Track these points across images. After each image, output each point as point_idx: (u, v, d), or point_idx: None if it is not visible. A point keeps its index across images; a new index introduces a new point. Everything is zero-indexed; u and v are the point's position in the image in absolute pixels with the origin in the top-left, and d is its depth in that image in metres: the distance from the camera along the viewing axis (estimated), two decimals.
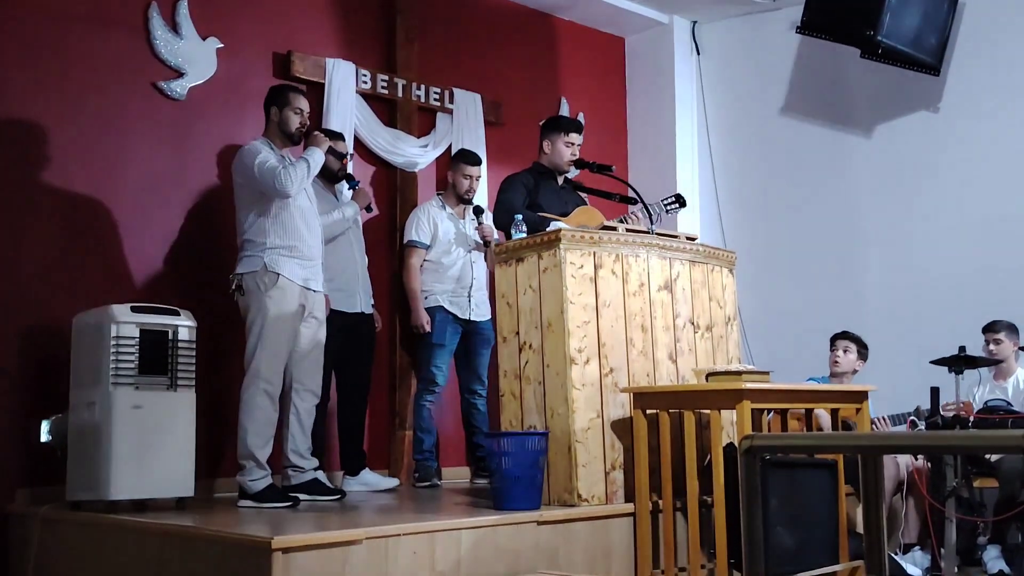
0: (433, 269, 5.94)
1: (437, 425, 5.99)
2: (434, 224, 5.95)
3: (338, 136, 5.70)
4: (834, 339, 5.88)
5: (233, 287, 4.82)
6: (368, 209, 5.78)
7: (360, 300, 5.61)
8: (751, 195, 7.54)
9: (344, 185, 5.69)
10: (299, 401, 4.89)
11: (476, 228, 5.95)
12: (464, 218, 6.05)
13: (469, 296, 5.93)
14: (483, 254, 6.01)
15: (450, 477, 6.15)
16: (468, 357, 6.02)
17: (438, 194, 6.19)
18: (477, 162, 6.06)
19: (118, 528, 4.14)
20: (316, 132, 4.99)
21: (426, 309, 5.88)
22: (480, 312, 5.95)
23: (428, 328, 5.83)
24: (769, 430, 4.87)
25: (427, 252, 5.93)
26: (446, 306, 5.89)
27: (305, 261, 4.85)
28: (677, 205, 5.70)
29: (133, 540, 4.04)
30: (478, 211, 5.98)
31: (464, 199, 6.02)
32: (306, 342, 4.89)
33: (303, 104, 4.96)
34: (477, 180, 6.05)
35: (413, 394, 6.11)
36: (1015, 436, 1.97)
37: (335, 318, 5.31)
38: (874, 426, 5.58)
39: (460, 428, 6.22)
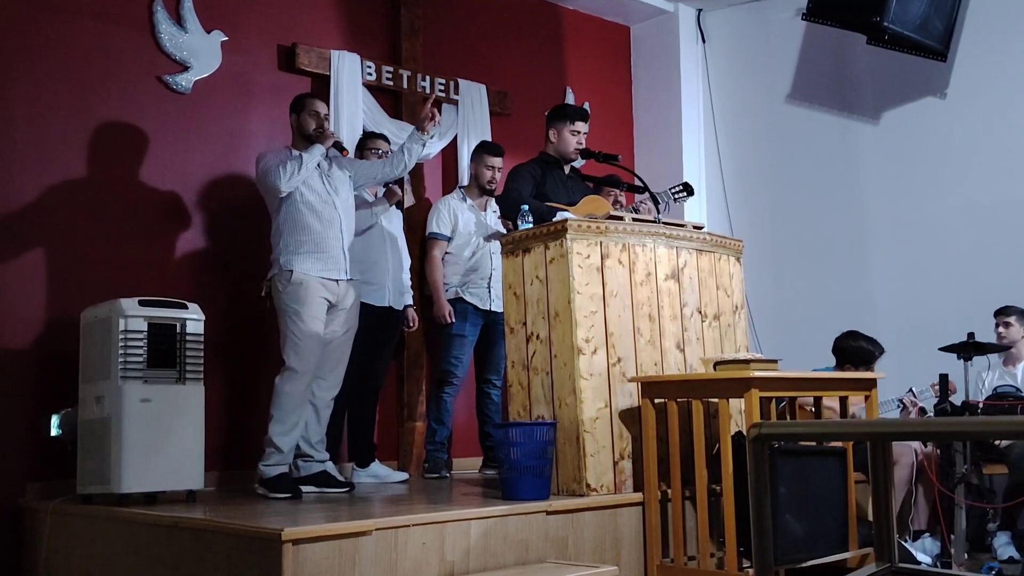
0: (453, 261, 5.96)
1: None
2: (454, 216, 5.97)
3: (380, 137, 5.75)
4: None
5: (263, 293, 4.88)
6: (399, 206, 5.79)
7: (389, 295, 5.61)
8: (758, 183, 7.53)
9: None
10: (319, 391, 4.91)
11: (499, 218, 5.96)
12: (486, 210, 6.06)
13: (489, 287, 5.94)
14: None
15: (460, 467, 6.16)
16: (486, 348, 6.04)
17: (460, 187, 6.21)
18: (500, 153, 6.08)
19: (129, 521, 4.15)
20: (324, 130, 5.00)
21: (447, 301, 5.90)
22: (500, 303, 5.95)
23: (450, 319, 5.84)
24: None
25: (448, 244, 5.94)
26: (466, 297, 5.91)
27: (321, 253, 4.87)
28: (685, 193, 5.69)
29: (144, 533, 4.06)
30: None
31: (486, 190, 6.03)
32: (329, 332, 4.91)
33: (319, 107, 5.04)
34: (499, 171, 6.06)
35: (428, 384, 6.13)
36: None
37: (362, 310, 5.35)
38: (904, 407, 5.56)
39: (471, 418, 6.23)
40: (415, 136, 5.15)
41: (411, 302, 5.85)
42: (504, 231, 5.94)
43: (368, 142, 5.73)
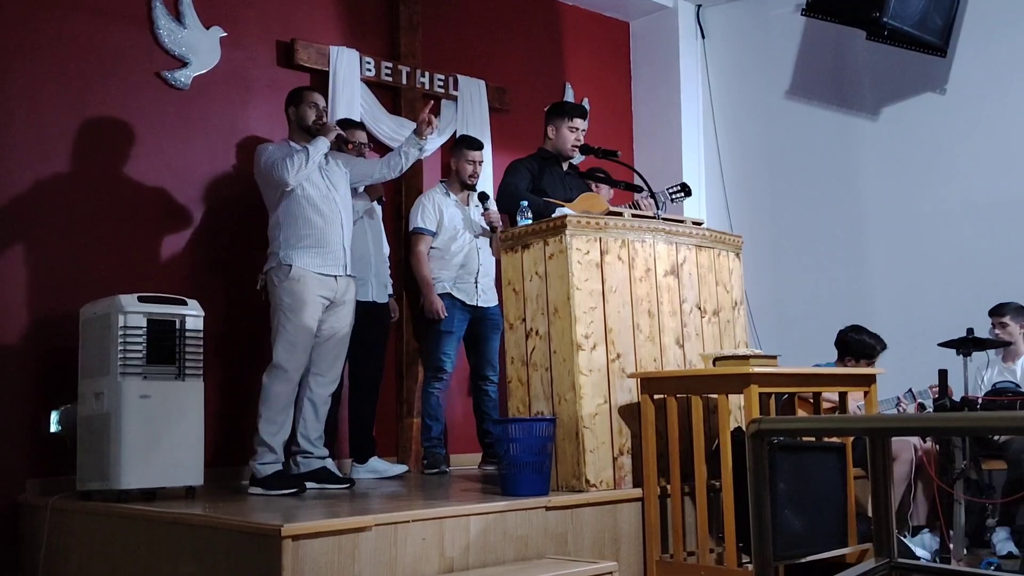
0: (439, 256, 5.94)
1: (446, 412, 6.00)
2: (439, 211, 5.94)
3: (357, 126, 5.72)
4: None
5: (259, 287, 4.87)
6: (379, 201, 5.79)
7: (372, 289, 5.61)
8: (757, 179, 7.53)
9: None
10: (316, 387, 4.90)
11: (482, 214, 5.95)
12: (469, 204, 6.04)
13: (476, 282, 5.93)
14: (489, 240, 6.00)
15: (459, 464, 6.16)
16: (478, 343, 6.03)
17: (441, 181, 6.18)
18: (479, 147, 6.05)
19: (128, 517, 4.15)
20: (325, 122, 5.00)
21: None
22: (487, 298, 5.96)
23: (443, 314, 5.84)
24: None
25: (433, 239, 5.93)
26: (453, 293, 5.90)
27: (321, 248, 4.85)
28: (682, 194, 5.70)
29: (143, 529, 4.06)
30: (483, 197, 5.97)
31: (468, 185, 6.01)
32: (328, 328, 4.90)
33: (317, 99, 5.04)
34: (480, 165, 6.04)
35: (421, 381, 6.12)
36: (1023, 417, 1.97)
37: None
38: (900, 406, 5.57)
39: (469, 415, 6.23)
40: (413, 141, 5.15)
41: (392, 292, 5.84)
42: (486, 226, 5.94)
43: (346, 132, 5.64)
